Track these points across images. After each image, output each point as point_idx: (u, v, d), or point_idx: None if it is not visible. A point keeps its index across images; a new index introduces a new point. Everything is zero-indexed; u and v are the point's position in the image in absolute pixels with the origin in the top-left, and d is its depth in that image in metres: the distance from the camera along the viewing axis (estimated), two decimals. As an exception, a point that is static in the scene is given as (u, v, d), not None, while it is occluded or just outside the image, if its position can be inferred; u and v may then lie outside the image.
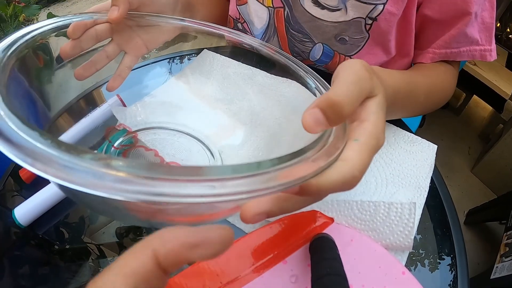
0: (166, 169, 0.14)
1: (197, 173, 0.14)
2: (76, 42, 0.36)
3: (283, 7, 0.55)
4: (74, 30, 0.35)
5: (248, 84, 0.48)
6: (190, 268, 0.31)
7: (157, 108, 0.49)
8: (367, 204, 0.35)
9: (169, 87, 0.52)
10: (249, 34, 0.61)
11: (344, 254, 0.30)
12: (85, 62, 0.39)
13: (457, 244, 0.38)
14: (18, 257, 0.38)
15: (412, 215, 0.34)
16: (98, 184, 0.13)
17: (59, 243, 0.39)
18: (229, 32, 0.42)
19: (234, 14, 0.62)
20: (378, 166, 0.43)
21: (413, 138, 0.46)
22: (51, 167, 0.13)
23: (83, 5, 2.75)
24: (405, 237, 0.34)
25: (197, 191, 0.14)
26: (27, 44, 0.25)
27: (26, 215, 0.38)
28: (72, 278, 0.36)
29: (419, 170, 0.42)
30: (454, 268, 0.36)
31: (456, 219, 0.40)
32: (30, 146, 0.14)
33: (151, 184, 0.14)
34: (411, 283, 0.31)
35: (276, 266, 0.31)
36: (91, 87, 0.47)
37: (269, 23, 0.58)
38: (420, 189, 0.40)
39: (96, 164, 0.14)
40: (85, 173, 0.13)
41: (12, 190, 0.44)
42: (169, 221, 0.26)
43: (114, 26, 0.40)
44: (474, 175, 1.47)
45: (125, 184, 0.13)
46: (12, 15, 1.34)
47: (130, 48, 0.43)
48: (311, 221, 0.35)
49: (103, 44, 0.40)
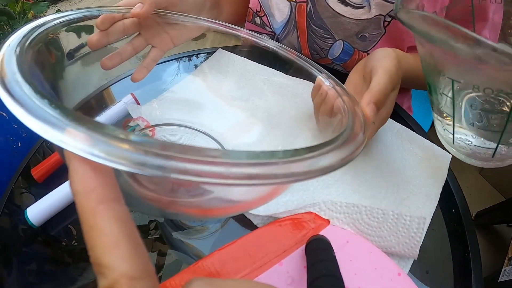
0: (181, 148, 0.14)
1: (215, 155, 0.14)
2: (103, 34, 0.37)
3: (306, 2, 0.55)
4: (102, 21, 0.36)
5: (264, 84, 0.48)
6: (186, 270, 0.32)
7: (174, 105, 0.50)
8: (376, 211, 0.35)
9: (186, 84, 0.52)
10: (268, 28, 0.62)
11: (340, 255, 0.30)
12: (111, 53, 0.40)
13: (472, 252, 0.38)
14: (27, 254, 0.39)
15: (420, 230, 0.34)
16: (116, 154, 0.13)
17: (67, 241, 0.40)
18: (248, 34, 0.42)
19: (255, 7, 0.62)
20: (391, 169, 0.43)
21: (429, 145, 0.46)
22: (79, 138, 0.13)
23: (90, 3, 2.76)
24: (411, 249, 0.34)
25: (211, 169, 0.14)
26: (40, 38, 0.25)
27: (38, 216, 0.39)
28: (80, 275, 0.37)
29: (432, 178, 0.42)
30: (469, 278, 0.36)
31: (472, 227, 0.40)
32: (61, 125, 0.14)
33: (165, 159, 0.13)
34: (407, 284, 0.31)
35: (272, 268, 0.32)
36: (103, 86, 0.48)
37: (289, 17, 0.58)
38: (431, 197, 0.40)
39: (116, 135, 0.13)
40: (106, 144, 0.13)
41: (21, 187, 0.45)
42: (182, 213, 0.26)
43: (142, 21, 0.40)
44: (482, 177, 1.45)
45: (137, 155, 0.13)
46: (21, 12, 1.35)
47: (157, 42, 0.43)
48: (306, 223, 0.35)
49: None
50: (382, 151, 0.45)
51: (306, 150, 0.17)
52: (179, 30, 0.44)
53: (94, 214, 0.13)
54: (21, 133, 0.76)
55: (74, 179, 0.14)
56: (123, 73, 0.47)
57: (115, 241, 0.13)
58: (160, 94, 0.50)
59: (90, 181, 0.14)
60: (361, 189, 0.41)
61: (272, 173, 0.15)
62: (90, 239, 0.13)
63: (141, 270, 0.13)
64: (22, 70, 0.17)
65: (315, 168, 0.17)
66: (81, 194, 0.14)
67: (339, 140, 0.20)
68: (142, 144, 0.13)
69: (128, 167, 0.13)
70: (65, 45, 0.35)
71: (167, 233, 0.40)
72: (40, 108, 0.14)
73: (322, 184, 0.41)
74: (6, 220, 0.41)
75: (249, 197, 0.22)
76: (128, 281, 0.12)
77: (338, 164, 0.18)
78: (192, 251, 0.38)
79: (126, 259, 0.13)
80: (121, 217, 0.14)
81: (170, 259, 0.38)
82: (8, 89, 0.15)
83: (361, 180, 0.42)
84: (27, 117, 0.14)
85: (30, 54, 0.22)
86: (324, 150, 0.18)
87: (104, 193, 0.14)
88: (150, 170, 0.13)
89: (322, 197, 0.39)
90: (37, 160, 0.47)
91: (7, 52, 0.19)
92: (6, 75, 0.16)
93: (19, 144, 0.75)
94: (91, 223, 0.13)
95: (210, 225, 0.40)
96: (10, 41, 0.21)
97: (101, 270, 0.13)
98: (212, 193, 0.24)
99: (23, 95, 0.15)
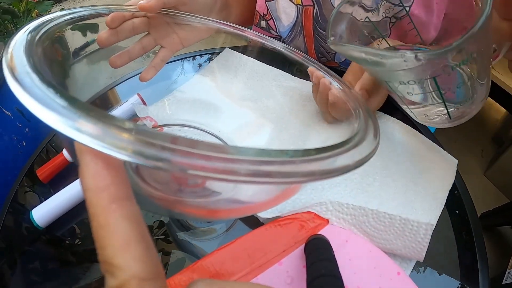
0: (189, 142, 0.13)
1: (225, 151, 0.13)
2: (113, 32, 0.37)
3: (312, 5, 0.55)
4: (112, 19, 0.36)
5: (273, 85, 0.48)
6: (186, 269, 0.32)
7: (182, 105, 0.50)
8: (383, 215, 0.35)
9: (194, 84, 0.52)
10: (274, 32, 0.62)
11: (339, 255, 0.30)
12: (120, 51, 0.40)
13: (479, 256, 0.38)
14: (31, 253, 0.39)
15: (428, 236, 0.34)
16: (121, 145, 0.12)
17: (71, 240, 0.40)
18: (258, 37, 0.43)
19: (262, 10, 0.62)
20: (400, 170, 0.43)
21: (436, 148, 0.46)
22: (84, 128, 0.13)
23: (95, 1, 2.77)
24: (417, 253, 0.34)
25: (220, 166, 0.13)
26: (48, 35, 0.25)
27: (44, 217, 0.39)
28: (83, 274, 0.37)
29: (439, 180, 0.42)
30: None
31: (479, 230, 0.40)
32: (74, 117, 0.13)
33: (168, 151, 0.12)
34: (406, 283, 0.31)
35: (271, 267, 0.32)
36: (108, 86, 0.48)
37: (296, 20, 0.58)
38: (438, 200, 0.40)
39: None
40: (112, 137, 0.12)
41: (25, 186, 0.45)
42: (189, 213, 0.26)
43: (152, 21, 0.41)
44: (487, 178, 1.44)
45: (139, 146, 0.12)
46: (25, 11, 1.36)
47: (166, 43, 0.44)
48: (306, 223, 0.35)
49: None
50: (391, 150, 0.45)
51: (320, 150, 0.17)
52: (189, 31, 0.44)
53: (106, 212, 0.13)
54: (25, 133, 0.76)
55: (85, 174, 0.13)
56: (128, 73, 0.47)
57: (127, 242, 0.13)
58: (166, 94, 0.50)
59: (103, 178, 0.13)
60: (369, 189, 0.41)
61: (289, 171, 0.14)
62: (100, 238, 0.13)
63: (152, 271, 0.13)
64: (32, 64, 0.17)
65: (330, 168, 0.16)
66: (93, 191, 0.13)
67: (353, 141, 0.20)
68: (160, 139, 0.13)
69: (149, 162, 0.12)
70: (70, 43, 0.35)
71: (172, 232, 0.40)
72: (52, 100, 0.14)
73: (330, 183, 0.41)
74: (11, 219, 0.41)
75: (257, 199, 0.22)
76: (138, 282, 0.12)
77: (354, 165, 0.18)
78: (197, 251, 0.38)
79: (138, 260, 0.13)
80: (133, 217, 0.13)
81: (173, 258, 0.38)
82: (19, 81, 0.15)
83: (369, 179, 0.42)
84: (40, 109, 0.14)
85: (40, 50, 0.21)
86: (340, 150, 0.18)
87: (117, 191, 0.13)
88: (170, 166, 0.12)
89: (329, 197, 0.39)
90: (42, 160, 0.47)
91: (17, 45, 0.19)
92: (16, 68, 0.16)
93: (24, 144, 0.75)
94: (102, 222, 0.13)
95: (217, 227, 0.40)
96: (19, 36, 0.20)
97: (111, 270, 0.12)
98: (219, 194, 0.24)
99: (35, 87, 0.15)
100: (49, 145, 0.49)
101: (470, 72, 0.28)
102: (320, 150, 0.16)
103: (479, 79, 0.29)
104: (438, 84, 0.28)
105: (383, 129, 0.48)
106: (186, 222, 0.41)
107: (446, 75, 0.27)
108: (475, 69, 0.28)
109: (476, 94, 0.31)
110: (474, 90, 0.30)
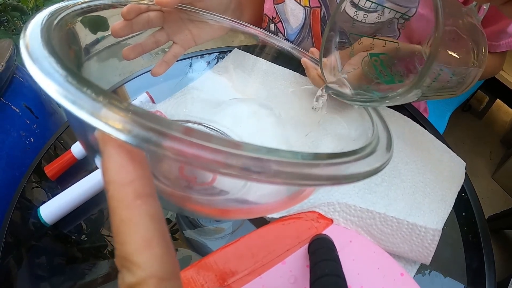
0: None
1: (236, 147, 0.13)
2: (127, 23, 0.37)
3: (319, 7, 0.55)
4: (128, 11, 0.37)
5: (287, 87, 0.48)
6: (190, 267, 0.32)
7: (191, 103, 0.50)
8: (390, 219, 0.35)
9: (205, 81, 0.52)
10: (281, 35, 0.62)
11: (343, 255, 0.30)
12: (133, 44, 0.40)
13: (487, 261, 0.38)
14: (38, 248, 0.39)
15: (435, 241, 0.33)
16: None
17: (77, 236, 0.40)
18: (273, 38, 0.43)
19: (271, 13, 0.62)
20: (409, 170, 0.42)
21: (445, 149, 0.45)
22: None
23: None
24: (423, 257, 0.34)
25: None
26: (60, 28, 0.23)
27: (51, 214, 0.39)
28: (89, 270, 0.37)
29: (448, 182, 0.42)
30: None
31: (487, 234, 0.40)
32: (99, 106, 0.12)
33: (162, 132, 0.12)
34: (410, 285, 0.31)
35: (275, 266, 0.32)
36: (117, 83, 0.48)
37: (304, 22, 0.58)
38: (446, 202, 0.40)
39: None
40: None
41: (33, 181, 0.45)
42: (197, 210, 0.26)
43: (167, 15, 0.41)
44: (494, 180, 1.43)
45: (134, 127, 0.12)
46: (34, 8, 1.37)
47: (179, 39, 0.44)
48: (310, 222, 0.35)
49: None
50: (401, 149, 0.45)
51: (335, 155, 0.16)
52: (202, 28, 0.45)
53: (129, 208, 0.12)
54: (33, 129, 0.77)
55: (109, 167, 0.13)
56: (137, 70, 0.47)
57: (149, 240, 0.12)
58: (174, 92, 0.50)
59: (128, 172, 0.13)
60: (377, 189, 0.40)
61: (297, 172, 0.14)
62: (121, 233, 0.12)
63: (170, 271, 0.13)
64: (49, 49, 0.16)
65: (339, 174, 0.16)
66: (117, 184, 0.13)
67: (368, 148, 0.19)
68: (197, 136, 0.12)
69: (181, 159, 0.12)
70: (82, 40, 0.35)
71: (179, 229, 0.40)
72: (77, 89, 0.13)
73: None
74: (18, 215, 0.42)
75: (266, 201, 0.22)
76: (157, 282, 0.12)
77: (363, 175, 0.17)
78: (204, 249, 0.38)
79: (158, 259, 0.12)
80: (156, 215, 0.13)
81: (179, 255, 0.38)
82: (41, 69, 0.14)
83: (378, 179, 0.41)
84: (62, 98, 0.13)
85: (57, 36, 0.21)
86: (351, 158, 0.17)
87: (142, 187, 0.13)
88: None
89: (337, 196, 0.39)
90: (49, 156, 0.47)
91: (34, 29, 0.18)
92: (38, 57, 0.15)
93: (32, 140, 0.76)
94: (125, 217, 0.12)
95: (225, 226, 0.40)
96: (36, 21, 0.20)
97: (129, 266, 0.12)
98: (227, 193, 0.24)
99: (57, 75, 0.14)
100: (57, 142, 0.49)
101: (450, 71, 0.29)
102: (331, 156, 0.16)
103: (458, 72, 0.30)
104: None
105: (393, 127, 0.47)
106: (195, 220, 0.41)
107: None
108: (452, 70, 0.29)
109: (466, 78, 0.31)
110: (463, 77, 0.31)
